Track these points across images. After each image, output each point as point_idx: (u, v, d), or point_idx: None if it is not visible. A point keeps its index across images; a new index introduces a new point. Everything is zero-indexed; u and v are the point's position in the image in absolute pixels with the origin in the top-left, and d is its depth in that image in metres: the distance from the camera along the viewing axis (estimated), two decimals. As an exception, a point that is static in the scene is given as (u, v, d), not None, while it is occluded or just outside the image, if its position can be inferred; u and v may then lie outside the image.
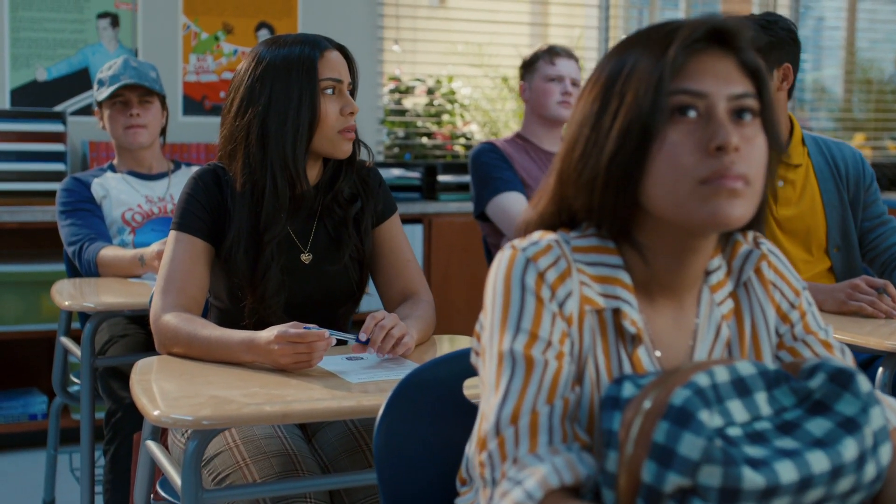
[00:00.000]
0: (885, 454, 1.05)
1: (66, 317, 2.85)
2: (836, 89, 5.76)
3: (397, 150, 4.75)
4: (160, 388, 1.65)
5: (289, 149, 1.92)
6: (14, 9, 4.00)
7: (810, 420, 1.04)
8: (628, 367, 1.15)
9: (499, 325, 1.12)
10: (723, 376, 1.04)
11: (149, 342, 2.71)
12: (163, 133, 3.13)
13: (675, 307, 1.20)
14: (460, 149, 4.86)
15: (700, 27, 1.12)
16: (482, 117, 4.93)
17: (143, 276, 2.75)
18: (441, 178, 4.38)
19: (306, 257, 2.01)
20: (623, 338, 1.16)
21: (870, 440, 1.03)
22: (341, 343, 1.87)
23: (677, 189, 1.09)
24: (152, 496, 1.89)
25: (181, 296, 1.88)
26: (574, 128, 1.16)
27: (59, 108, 4.06)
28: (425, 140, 4.81)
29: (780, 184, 2.50)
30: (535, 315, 1.11)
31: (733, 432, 1.01)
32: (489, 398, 1.11)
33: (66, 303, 2.49)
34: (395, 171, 4.34)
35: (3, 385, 3.96)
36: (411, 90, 4.77)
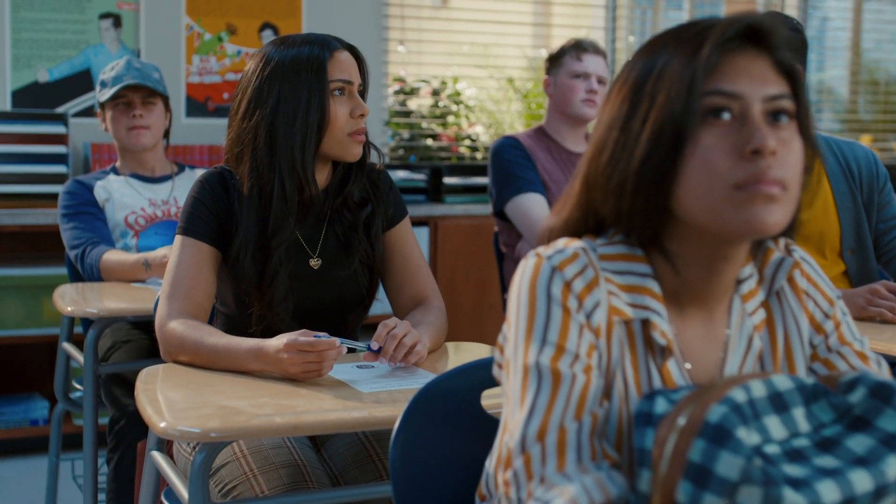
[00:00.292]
0: (929, 472, 1.00)
1: (68, 322, 2.82)
2: (841, 90, 5.72)
3: (402, 151, 4.71)
4: (166, 398, 1.60)
5: (297, 152, 1.88)
6: (15, 9, 3.96)
7: (851, 437, 1.00)
8: (658, 380, 1.11)
9: (524, 337, 1.08)
10: (759, 391, 0.99)
11: (153, 348, 2.68)
12: (166, 135, 3.09)
13: (705, 317, 1.15)
14: (466, 150, 4.82)
15: (734, 25, 1.07)
16: (487, 118, 4.89)
17: (146, 280, 2.70)
18: (447, 179, 4.34)
19: (315, 263, 1.97)
20: (652, 350, 1.11)
21: (914, 458, 0.98)
22: (351, 350, 1.82)
23: (711, 194, 1.04)
24: (157, 507, 1.85)
25: (187, 302, 1.84)
26: (602, 130, 1.12)
27: (60, 109, 4.03)
28: (430, 142, 4.77)
29: None
30: (561, 326, 1.07)
31: (771, 450, 0.97)
32: (514, 413, 1.06)
33: (68, 308, 2.45)
34: (401, 173, 4.30)
35: (4, 390, 3.92)
36: (416, 91, 4.74)
